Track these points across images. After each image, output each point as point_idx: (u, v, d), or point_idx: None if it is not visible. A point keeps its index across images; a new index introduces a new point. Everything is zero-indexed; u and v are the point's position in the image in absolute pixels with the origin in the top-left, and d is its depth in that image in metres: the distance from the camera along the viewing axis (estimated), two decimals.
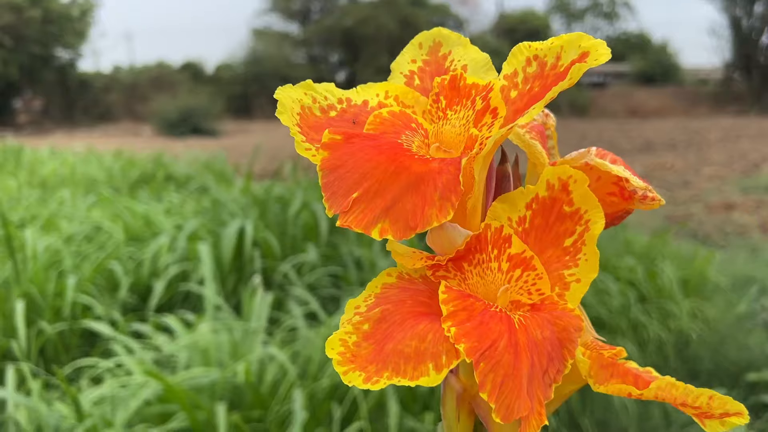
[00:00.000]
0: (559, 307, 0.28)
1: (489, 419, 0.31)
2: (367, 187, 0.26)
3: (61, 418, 1.40)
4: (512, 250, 0.29)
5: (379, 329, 0.27)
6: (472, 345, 0.26)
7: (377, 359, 0.26)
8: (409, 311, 0.27)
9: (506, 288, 0.29)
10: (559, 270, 0.29)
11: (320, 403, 1.52)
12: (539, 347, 0.27)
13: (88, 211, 3.20)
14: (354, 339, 0.27)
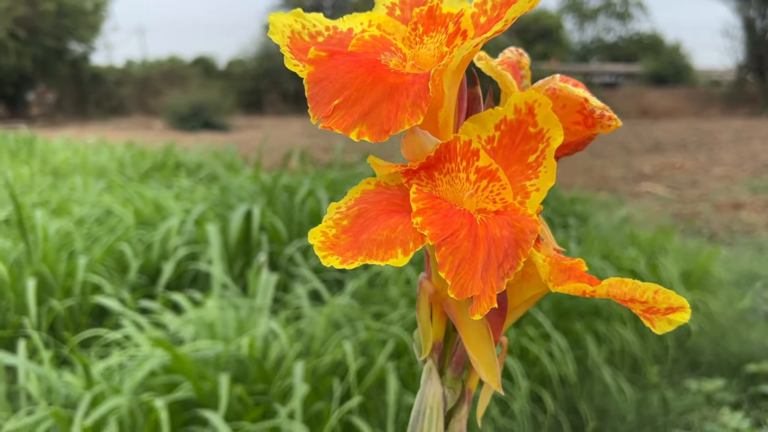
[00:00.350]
0: (519, 213, 0.31)
1: (456, 316, 0.34)
2: (347, 96, 0.29)
3: (70, 387, 1.44)
4: (480, 163, 0.32)
5: (356, 224, 0.30)
6: (435, 231, 0.29)
7: (353, 247, 0.29)
8: (383, 209, 0.31)
9: (471, 194, 0.32)
10: (522, 182, 0.33)
11: (321, 379, 1.55)
12: (496, 243, 0.30)
13: (99, 196, 3.25)
14: (334, 232, 0.30)
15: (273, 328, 1.63)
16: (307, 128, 16.85)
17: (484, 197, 0.32)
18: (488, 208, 0.32)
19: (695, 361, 2.48)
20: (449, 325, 0.36)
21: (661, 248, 2.79)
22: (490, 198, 0.32)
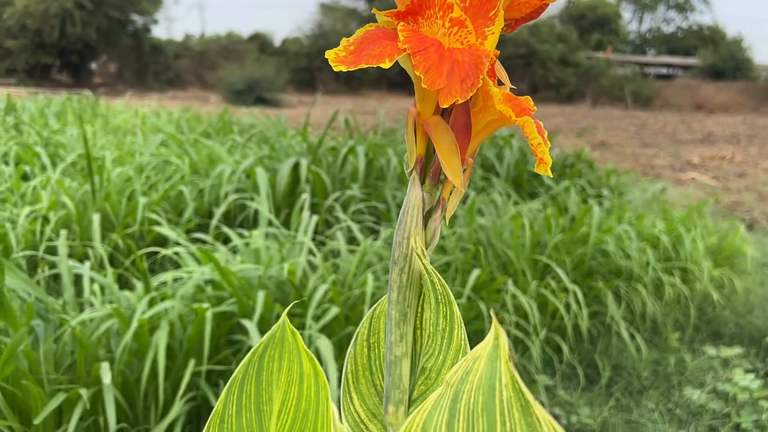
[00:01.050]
0: (479, 48, 0.44)
1: (433, 135, 0.47)
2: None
3: (130, 299, 1.63)
4: (453, 15, 0.45)
5: (359, 46, 0.43)
6: (412, 46, 0.42)
7: (355, 58, 0.42)
8: (379, 38, 0.44)
9: (444, 33, 0.45)
10: (482, 29, 0.45)
11: (352, 307, 1.70)
12: (459, 63, 0.42)
13: (157, 149, 3.46)
14: (343, 52, 0.44)
15: (311, 260, 1.78)
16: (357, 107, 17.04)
17: (454, 39, 0.45)
18: (457, 47, 0.45)
19: (717, 332, 2.55)
20: (430, 145, 0.49)
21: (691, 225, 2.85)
22: (459, 40, 0.45)
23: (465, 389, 0.40)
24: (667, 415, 1.97)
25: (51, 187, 2.56)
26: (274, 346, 0.60)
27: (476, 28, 0.46)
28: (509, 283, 1.90)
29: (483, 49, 0.44)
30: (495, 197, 2.35)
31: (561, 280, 2.07)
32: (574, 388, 2.03)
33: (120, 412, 1.41)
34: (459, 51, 0.44)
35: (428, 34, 0.45)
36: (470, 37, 0.45)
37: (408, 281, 0.52)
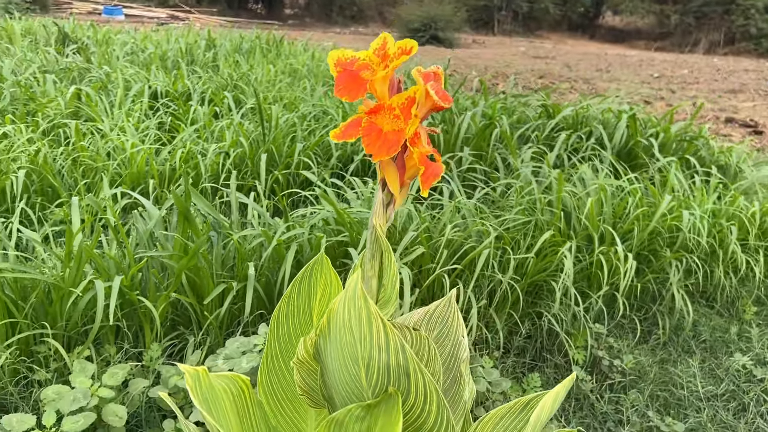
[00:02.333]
0: (402, 131, 0.89)
1: (384, 170, 0.94)
2: (343, 87, 0.89)
3: (277, 224, 2.22)
4: (394, 113, 0.90)
5: (346, 128, 0.90)
6: (364, 131, 0.88)
7: (341, 136, 0.90)
8: (354, 124, 0.90)
9: (388, 121, 0.90)
10: (407, 120, 0.90)
11: (438, 248, 2.18)
12: (388, 140, 0.88)
13: (321, 99, 4.07)
14: (339, 131, 0.91)
15: (412, 209, 2.28)
16: (531, 50, 16.87)
17: (393, 125, 0.91)
18: (391, 129, 0.91)
19: None
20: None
21: None
22: (395, 125, 0.91)
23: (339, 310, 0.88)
24: (708, 374, 2.28)
25: (233, 127, 3.25)
26: (318, 264, 1.12)
27: (404, 120, 0.91)
28: (571, 245, 2.28)
29: (404, 133, 0.90)
30: (584, 169, 2.68)
31: (630, 249, 2.40)
32: (627, 340, 2.38)
33: (261, 303, 2.02)
34: (390, 133, 0.90)
35: (380, 122, 0.91)
36: (401, 124, 0.91)
37: (372, 238, 0.99)
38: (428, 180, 0.91)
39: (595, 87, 9.78)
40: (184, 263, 1.90)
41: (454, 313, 1.23)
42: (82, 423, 1.53)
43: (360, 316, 0.82)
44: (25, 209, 2.54)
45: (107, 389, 1.64)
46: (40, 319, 1.85)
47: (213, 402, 0.82)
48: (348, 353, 0.85)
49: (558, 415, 2.02)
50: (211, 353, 1.91)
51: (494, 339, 2.17)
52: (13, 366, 1.77)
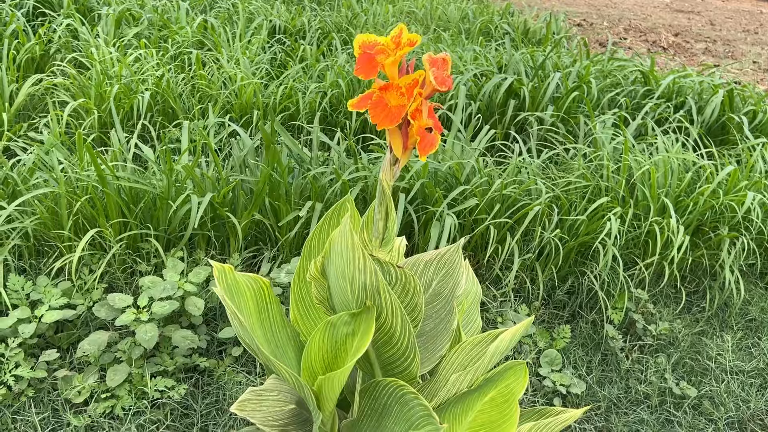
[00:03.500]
0: (405, 106, 1.11)
1: (390, 137, 1.16)
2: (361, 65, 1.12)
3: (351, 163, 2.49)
4: (401, 90, 1.12)
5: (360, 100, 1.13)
6: (372, 105, 1.10)
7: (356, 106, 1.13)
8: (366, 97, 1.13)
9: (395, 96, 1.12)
10: (410, 97, 1.12)
11: (491, 203, 2.38)
12: (392, 112, 1.10)
13: (424, 46, 4.24)
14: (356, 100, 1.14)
15: (477, 164, 2.47)
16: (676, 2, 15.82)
17: (399, 99, 1.13)
18: (399, 103, 1.13)
19: None
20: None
21: None
22: (400, 101, 1.13)
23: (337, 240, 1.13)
24: (742, 351, 2.38)
25: (336, 68, 3.51)
26: (345, 203, 1.38)
27: (408, 97, 1.13)
28: (620, 212, 2.40)
29: (406, 107, 1.12)
30: (662, 141, 2.74)
31: (689, 223, 2.49)
32: (669, 308, 2.50)
33: None
34: (395, 107, 1.12)
35: (388, 97, 1.13)
36: (404, 100, 1.13)
37: (380, 190, 1.23)
38: (425, 148, 1.13)
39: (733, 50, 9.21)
40: (266, 189, 2.21)
41: (459, 259, 1.45)
42: (167, 308, 1.90)
43: (348, 246, 1.07)
44: (146, 125, 2.95)
45: (191, 284, 2.00)
46: (146, 221, 2.24)
47: (236, 293, 1.11)
48: (340, 273, 1.11)
49: (580, 363, 2.21)
50: (280, 268, 2.24)
51: (534, 290, 2.37)
52: (122, 257, 2.18)
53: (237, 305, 1.11)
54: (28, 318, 1.93)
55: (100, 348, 1.85)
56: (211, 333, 2.05)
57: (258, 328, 1.12)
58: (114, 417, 1.77)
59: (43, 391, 1.84)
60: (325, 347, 1.17)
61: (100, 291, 2.06)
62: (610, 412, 2.07)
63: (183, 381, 1.91)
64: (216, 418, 1.82)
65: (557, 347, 2.22)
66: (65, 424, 1.75)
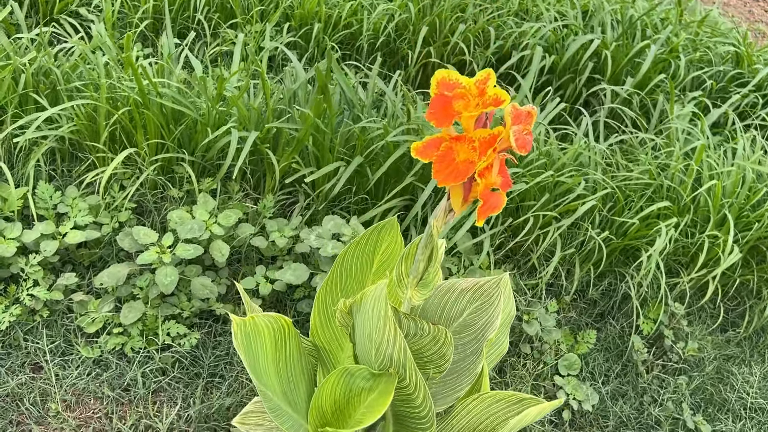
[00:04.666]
0: (474, 165, 0.98)
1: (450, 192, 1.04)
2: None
3: None
4: (474, 144, 0.98)
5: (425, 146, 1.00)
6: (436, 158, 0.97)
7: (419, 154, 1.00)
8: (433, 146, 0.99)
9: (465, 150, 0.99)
10: (482, 155, 0.98)
11: (542, 188, 2.24)
12: (458, 170, 0.97)
13: None
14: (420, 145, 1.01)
15: (538, 143, 2.31)
16: None
17: (469, 154, 0.99)
18: (468, 158, 0.99)
19: None
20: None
21: None
22: (470, 156, 0.99)
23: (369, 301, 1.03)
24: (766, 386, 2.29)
25: None
26: (389, 225, 1.27)
27: (480, 154, 0.99)
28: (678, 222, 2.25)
29: (475, 165, 0.98)
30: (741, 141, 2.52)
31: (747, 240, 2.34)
32: (704, 324, 2.40)
33: (362, 186, 2.21)
34: (462, 163, 0.99)
35: (457, 149, 1.00)
36: (474, 156, 0.99)
37: (429, 233, 1.12)
38: (485, 212, 1.01)
39: None
40: (309, 137, 2.09)
41: (498, 295, 1.35)
42: (191, 252, 1.85)
43: (380, 314, 0.98)
44: (201, 21, 2.79)
45: (219, 227, 1.94)
46: (183, 145, 2.15)
47: (254, 338, 1.04)
48: (366, 333, 1.03)
49: (598, 371, 2.15)
50: (313, 220, 2.16)
51: (568, 286, 2.27)
52: (154, 179, 2.10)
53: (254, 353, 1.04)
54: (52, 234, 1.89)
55: (119, 282, 1.82)
56: (232, 278, 2.01)
57: (272, 365, 1.06)
58: (123, 355, 1.77)
59: (57, 313, 1.83)
60: (338, 391, 1.11)
61: (128, 213, 2.01)
62: (615, 430, 2.03)
63: (196, 327, 1.89)
64: (224, 371, 1.81)
65: (579, 351, 2.16)
66: (75, 352, 1.76)
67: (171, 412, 1.66)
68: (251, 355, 1.01)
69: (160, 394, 1.71)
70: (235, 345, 0.96)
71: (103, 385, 1.69)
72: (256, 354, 1.03)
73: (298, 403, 1.10)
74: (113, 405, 1.66)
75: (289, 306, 2.00)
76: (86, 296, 1.87)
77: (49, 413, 1.62)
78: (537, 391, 2.03)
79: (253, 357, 1.02)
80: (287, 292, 2.00)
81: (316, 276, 1.89)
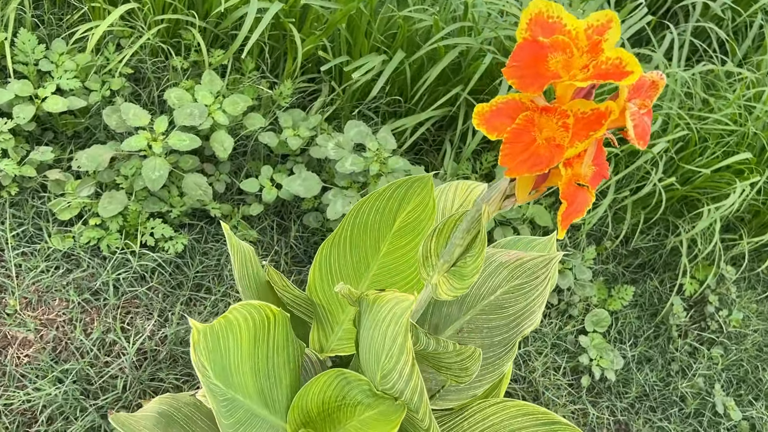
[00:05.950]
0: (562, 151, 0.67)
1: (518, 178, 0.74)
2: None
3: None
4: (567, 120, 0.67)
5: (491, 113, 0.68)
6: (508, 136, 0.67)
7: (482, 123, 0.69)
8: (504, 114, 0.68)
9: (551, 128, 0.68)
10: (575, 141, 0.67)
11: None
12: (538, 156, 0.67)
13: None
14: (486, 108, 0.69)
15: None
16: None
17: (556, 133, 0.69)
18: (555, 138, 0.69)
19: None
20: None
21: None
22: (558, 136, 0.68)
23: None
24: None
25: None
26: (422, 182, 0.98)
27: (573, 137, 0.68)
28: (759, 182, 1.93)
29: (562, 152, 0.68)
30: None
31: None
32: (757, 290, 2.14)
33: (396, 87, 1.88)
34: (543, 147, 0.68)
35: (541, 124, 0.69)
36: (566, 140, 0.69)
37: (475, 218, 0.84)
38: (569, 217, 0.72)
39: None
40: (345, 19, 1.74)
41: (545, 278, 1.09)
42: (187, 144, 1.57)
43: (395, 339, 0.72)
44: None
45: (224, 115, 1.65)
46: (196, 7, 1.80)
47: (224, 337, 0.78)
48: (374, 352, 0.78)
49: (628, 334, 1.93)
50: (334, 118, 1.85)
51: (612, 233, 2.00)
52: (156, 44, 1.78)
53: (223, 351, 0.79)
54: (29, 96, 1.61)
55: (100, 167, 1.56)
56: (233, 177, 1.74)
57: (247, 361, 0.82)
58: (97, 253, 1.55)
59: (28, 192, 1.59)
60: (330, 393, 0.87)
61: (123, 80, 1.71)
62: (636, 402, 1.84)
63: (186, 229, 1.65)
64: (211, 284, 1.59)
65: (610, 307, 1.92)
66: (43, 241, 1.53)
67: (145, 327, 1.46)
68: (218, 353, 0.77)
69: (134, 305, 1.51)
70: (194, 361, 0.71)
71: (70, 286, 1.48)
72: (226, 351, 0.79)
73: (277, 400, 0.87)
74: (79, 311, 1.46)
75: (294, 218, 1.74)
76: (64, 174, 1.62)
77: (6, 310, 1.42)
78: (557, 349, 1.82)
79: (222, 355, 0.78)
80: (294, 200, 1.74)
81: (328, 192, 1.62)
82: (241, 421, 0.79)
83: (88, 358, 1.39)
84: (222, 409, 0.75)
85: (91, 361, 1.39)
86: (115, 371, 1.39)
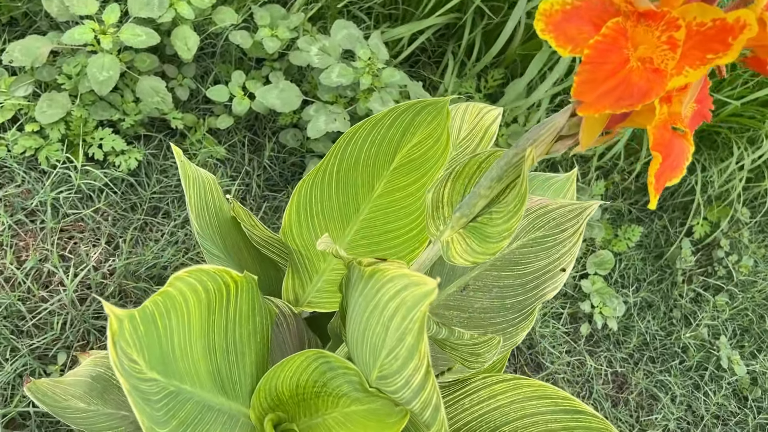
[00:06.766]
0: (663, 80, 0.46)
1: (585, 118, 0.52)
2: None
3: None
4: (675, 34, 0.45)
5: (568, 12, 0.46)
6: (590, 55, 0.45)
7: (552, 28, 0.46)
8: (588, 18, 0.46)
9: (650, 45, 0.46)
10: (685, 65, 0.46)
11: None
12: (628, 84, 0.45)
13: None
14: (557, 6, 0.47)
15: None
16: None
17: (657, 53, 0.47)
18: (653, 59, 0.47)
19: None
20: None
21: None
22: (659, 57, 0.47)
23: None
24: None
25: None
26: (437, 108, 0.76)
27: (682, 58, 0.46)
28: None
29: (664, 83, 0.46)
30: None
31: None
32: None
33: None
34: (636, 73, 0.46)
35: (637, 36, 0.47)
36: (670, 63, 0.47)
37: (513, 162, 0.62)
38: (664, 176, 0.50)
39: None
40: None
41: (576, 230, 0.89)
42: (143, 40, 1.31)
43: (403, 338, 0.52)
44: None
45: (188, 7, 1.38)
46: None
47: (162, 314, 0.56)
48: (369, 344, 0.57)
49: (632, 278, 1.77)
50: (320, 18, 1.59)
51: (625, 166, 1.80)
52: None
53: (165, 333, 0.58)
54: None
55: (36, 63, 1.30)
56: (198, 83, 1.49)
57: (198, 341, 0.61)
58: (35, 166, 1.31)
59: None
60: (307, 378, 0.68)
61: None
62: (636, 352, 1.70)
63: (141, 141, 1.41)
64: (170, 208, 1.37)
65: (615, 248, 1.75)
66: None
67: (89, 256, 1.25)
68: (154, 338, 0.56)
69: (77, 229, 1.28)
70: (113, 360, 0.50)
71: (0, 204, 1.25)
72: (167, 333, 0.58)
73: (238, 381, 0.67)
74: (11, 234, 1.23)
75: (270, 134, 1.51)
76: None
77: None
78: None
79: (160, 338, 0.57)
80: (270, 114, 1.50)
81: (310, 106, 1.38)
82: (186, 421, 0.59)
83: (20, 291, 1.18)
84: (157, 414, 0.55)
85: (24, 294, 1.18)
86: (53, 307, 1.19)
